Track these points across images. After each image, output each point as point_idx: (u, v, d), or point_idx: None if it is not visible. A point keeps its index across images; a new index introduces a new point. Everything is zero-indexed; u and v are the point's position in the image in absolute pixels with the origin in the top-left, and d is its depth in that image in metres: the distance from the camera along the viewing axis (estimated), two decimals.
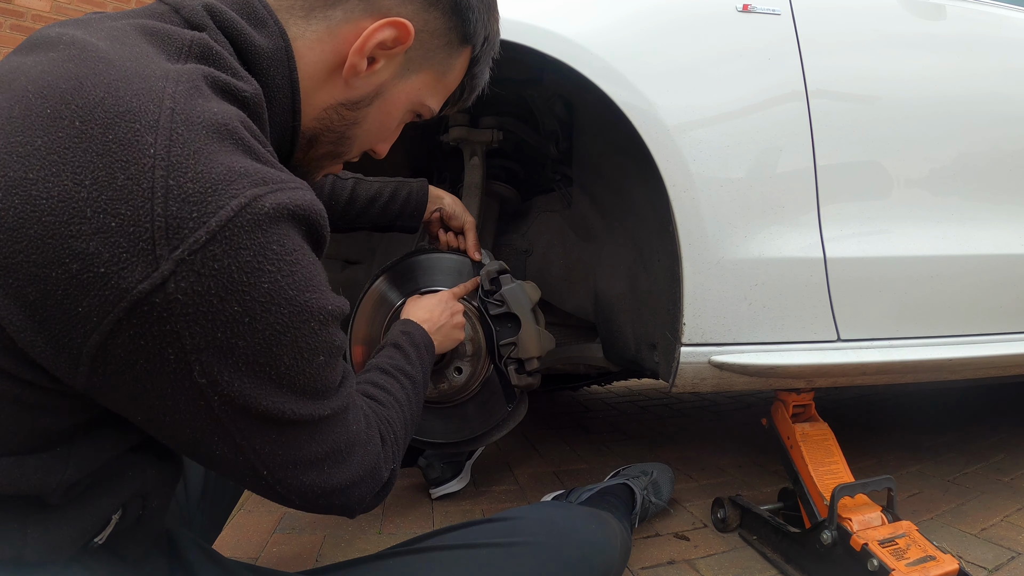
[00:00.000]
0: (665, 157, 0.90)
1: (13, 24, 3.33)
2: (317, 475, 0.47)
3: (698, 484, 1.34)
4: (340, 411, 0.48)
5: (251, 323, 0.38)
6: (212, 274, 0.36)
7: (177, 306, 0.36)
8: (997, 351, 1.07)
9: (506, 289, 1.00)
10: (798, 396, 1.07)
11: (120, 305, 0.35)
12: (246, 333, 0.38)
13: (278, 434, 0.44)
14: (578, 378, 2.01)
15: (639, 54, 0.93)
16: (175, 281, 0.35)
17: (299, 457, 0.45)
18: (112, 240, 0.34)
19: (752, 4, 0.99)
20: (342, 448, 0.49)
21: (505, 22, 0.90)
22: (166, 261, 0.35)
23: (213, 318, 0.37)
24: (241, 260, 0.37)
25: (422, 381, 0.71)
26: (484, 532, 0.60)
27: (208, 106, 0.39)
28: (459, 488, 1.26)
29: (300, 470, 0.46)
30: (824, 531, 0.88)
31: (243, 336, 0.38)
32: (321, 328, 0.43)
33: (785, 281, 0.95)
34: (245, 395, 0.40)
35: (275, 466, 0.45)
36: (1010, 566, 0.95)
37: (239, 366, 0.39)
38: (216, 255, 0.36)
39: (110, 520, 0.47)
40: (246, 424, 0.42)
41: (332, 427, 0.47)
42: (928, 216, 1.06)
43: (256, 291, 0.38)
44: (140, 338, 0.36)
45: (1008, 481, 1.35)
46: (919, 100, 1.07)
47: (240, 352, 0.39)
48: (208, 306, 0.36)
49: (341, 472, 0.49)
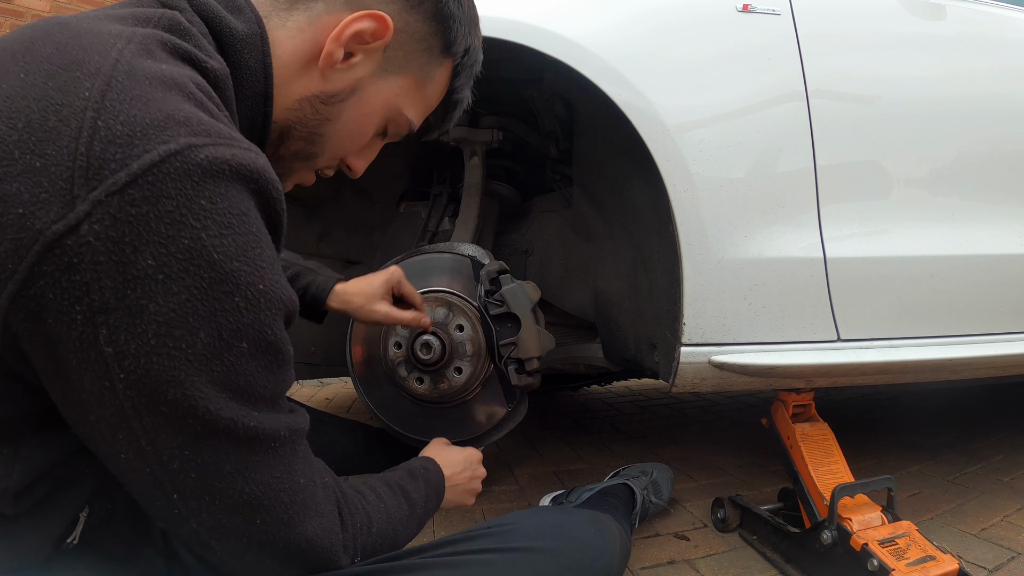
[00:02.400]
0: (665, 157, 0.90)
1: (13, 24, 3.33)
2: (242, 522, 0.41)
3: (698, 484, 1.34)
4: (276, 439, 0.42)
5: (165, 282, 0.35)
6: (128, 220, 0.33)
7: (89, 252, 0.33)
8: (997, 351, 1.07)
9: (506, 289, 1.01)
10: (798, 396, 1.07)
11: (34, 248, 0.33)
12: (159, 293, 0.35)
13: (191, 441, 0.38)
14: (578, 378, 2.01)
15: (639, 54, 0.93)
16: (89, 223, 0.33)
17: (219, 488, 0.39)
18: (34, 180, 0.33)
19: (752, 4, 0.99)
20: (282, 498, 0.42)
21: (505, 22, 0.90)
22: (83, 202, 0.33)
23: (125, 271, 0.34)
24: (162, 209, 0.34)
25: (420, 512, 0.64)
26: (480, 541, 0.59)
27: (158, 64, 0.37)
28: None
29: (221, 507, 0.40)
30: (824, 531, 0.88)
31: (155, 297, 0.35)
32: (248, 309, 0.38)
33: (785, 281, 0.96)
34: (152, 375, 0.36)
35: (188, 490, 0.39)
36: (1010, 566, 0.95)
37: (148, 334, 0.35)
38: (135, 200, 0.33)
39: (78, 519, 0.45)
40: (153, 419, 0.36)
41: (265, 458, 0.41)
42: (928, 216, 1.06)
43: (174, 245, 0.34)
44: (50, 290, 0.34)
45: (1008, 481, 1.35)
46: (919, 100, 1.07)
47: (151, 316, 0.35)
48: (121, 255, 0.34)
49: (280, 531, 0.42)
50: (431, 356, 1.00)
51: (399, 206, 1.48)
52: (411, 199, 1.49)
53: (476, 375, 1.03)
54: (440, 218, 1.41)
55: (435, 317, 1.02)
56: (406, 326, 1.00)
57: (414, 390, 1.04)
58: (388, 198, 1.47)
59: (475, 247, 1.08)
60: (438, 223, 1.40)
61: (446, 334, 1.02)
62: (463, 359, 1.02)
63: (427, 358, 1.00)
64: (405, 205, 1.47)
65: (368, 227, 1.46)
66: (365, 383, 1.12)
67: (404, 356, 1.03)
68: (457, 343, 1.02)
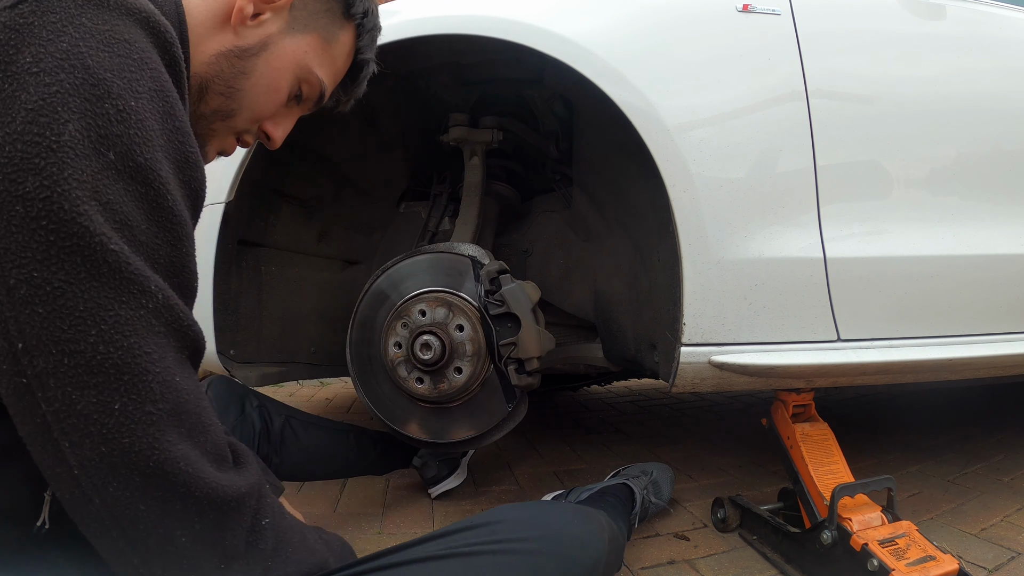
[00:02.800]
0: (665, 157, 0.90)
1: None
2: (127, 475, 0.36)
3: (698, 484, 1.34)
4: (166, 365, 0.38)
5: (38, 75, 0.35)
6: (15, 28, 0.35)
7: None
8: (997, 351, 1.07)
9: (506, 289, 1.01)
10: (798, 396, 1.07)
11: None
12: (31, 84, 0.35)
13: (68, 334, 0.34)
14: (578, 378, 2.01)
15: (639, 54, 0.93)
16: None
17: (99, 427, 0.35)
18: None
19: (752, 4, 0.99)
20: (188, 425, 0.39)
21: (506, 22, 0.90)
22: None
23: (4, 68, 0.35)
24: (45, 20, 0.36)
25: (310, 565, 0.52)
26: (465, 538, 0.58)
27: None
28: (457, 484, 1.26)
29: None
30: (824, 531, 0.88)
31: (27, 88, 0.35)
32: (119, 120, 0.37)
33: (785, 281, 0.96)
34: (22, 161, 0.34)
35: (70, 428, 0.35)
36: (1010, 566, 0.95)
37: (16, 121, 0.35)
38: (24, 13, 0.36)
39: (42, 498, 0.42)
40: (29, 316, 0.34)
41: (156, 385, 0.37)
42: (928, 216, 1.06)
43: (52, 47, 0.36)
44: None
45: (1008, 481, 1.35)
46: (919, 100, 1.07)
47: (21, 104, 0.35)
48: (4, 55, 0.35)
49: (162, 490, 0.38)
50: (431, 356, 1.00)
51: (399, 206, 1.48)
52: (411, 199, 1.49)
53: (476, 375, 1.03)
54: (440, 218, 1.41)
55: (435, 317, 1.03)
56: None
57: (414, 390, 1.04)
58: (388, 198, 1.47)
59: (475, 247, 1.08)
60: (438, 223, 1.40)
61: (446, 334, 1.02)
62: (463, 359, 1.02)
63: (427, 358, 1.00)
64: (405, 205, 1.47)
65: (368, 227, 1.46)
66: (365, 383, 1.12)
67: (404, 356, 1.03)
68: (457, 343, 1.02)
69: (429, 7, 0.94)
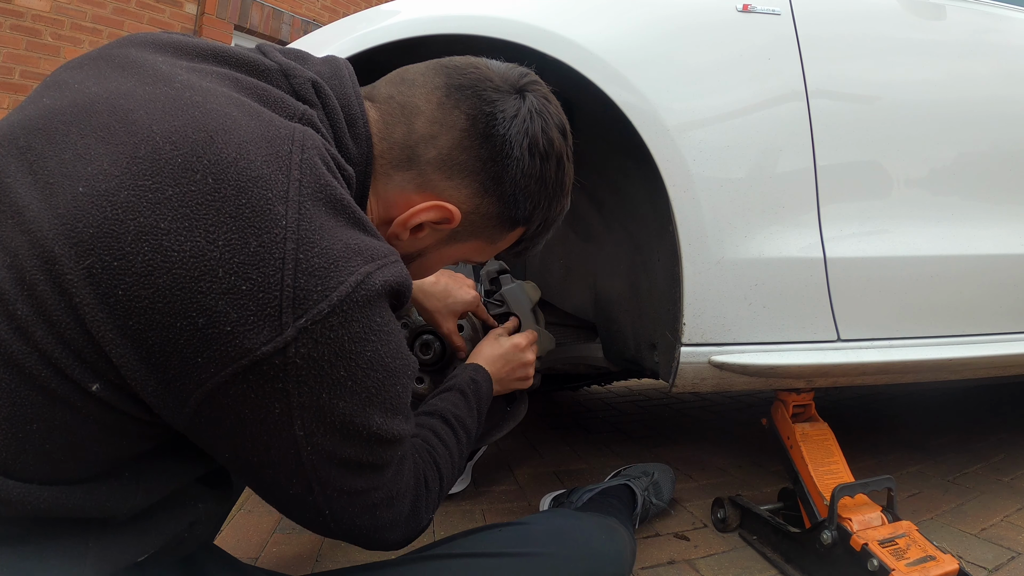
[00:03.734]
0: (665, 157, 0.90)
1: (13, 24, 3.32)
2: (369, 518, 0.49)
3: (698, 484, 1.34)
4: (401, 460, 0.51)
5: (353, 386, 0.42)
6: (327, 342, 0.39)
7: (293, 368, 0.39)
8: (997, 351, 1.07)
9: (506, 289, 1.01)
10: (798, 396, 1.07)
11: (241, 362, 0.37)
12: (347, 395, 0.42)
13: (351, 478, 0.46)
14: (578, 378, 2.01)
15: (639, 54, 0.92)
16: (295, 347, 0.38)
17: (360, 502, 0.48)
18: (241, 302, 0.37)
19: (752, 4, 0.99)
20: (395, 495, 0.51)
21: (507, 22, 0.90)
22: (290, 328, 0.38)
23: (321, 380, 0.40)
24: (352, 331, 0.40)
25: (475, 435, 0.73)
26: (494, 540, 0.60)
27: (327, 179, 0.42)
28: (461, 488, 1.26)
29: (357, 512, 0.48)
30: (824, 531, 0.88)
31: (344, 397, 0.42)
32: (404, 390, 0.47)
33: (785, 281, 0.95)
34: (334, 446, 0.43)
35: (338, 507, 0.47)
36: (1010, 566, 0.95)
37: (335, 423, 0.42)
38: (333, 326, 0.39)
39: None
40: (327, 470, 0.44)
41: (392, 473, 0.50)
42: (928, 216, 1.06)
43: (361, 359, 0.41)
44: (251, 391, 0.39)
45: (1008, 481, 1.35)
46: (919, 100, 1.07)
47: (339, 411, 0.42)
48: (319, 370, 0.40)
49: (388, 514, 0.51)
50: (431, 356, 1.00)
51: None
52: None
53: None
54: None
55: None
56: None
57: (414, 390, 1.04)
58: None
59: None
60: None
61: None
62: (463, 359, 1.02)
63: (427, 358, 1.00)
64: None
65: None
66: None
67: None
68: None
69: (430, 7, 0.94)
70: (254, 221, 0.37)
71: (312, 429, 0.41)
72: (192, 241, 0.36)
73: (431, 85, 0.53)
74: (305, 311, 0.38)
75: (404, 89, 0.53)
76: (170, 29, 3.96)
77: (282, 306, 0.37)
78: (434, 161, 0.52)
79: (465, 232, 0.57)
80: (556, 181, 0.58)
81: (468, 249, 0.60)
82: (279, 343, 0.37)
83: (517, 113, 0.53)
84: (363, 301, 0.40)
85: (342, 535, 0.50)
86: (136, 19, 3.80)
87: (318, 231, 0.39)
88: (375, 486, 0.49)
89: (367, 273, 0.41)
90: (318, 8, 4.80)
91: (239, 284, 0.36)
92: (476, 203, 0.54)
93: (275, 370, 0.38)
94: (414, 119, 0.52)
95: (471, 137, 0.52)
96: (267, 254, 0.37)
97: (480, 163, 0.53)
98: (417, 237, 0.55)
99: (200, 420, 0.40)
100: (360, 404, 0.43)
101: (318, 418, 0.41)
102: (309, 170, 0.41)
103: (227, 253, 0.36)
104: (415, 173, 0.53)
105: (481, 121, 0.52)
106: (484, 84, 0.53)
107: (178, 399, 0.38)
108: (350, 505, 0.48)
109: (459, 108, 0.52)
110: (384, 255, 0.43)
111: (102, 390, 0.38)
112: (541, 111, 0.55)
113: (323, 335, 0.39)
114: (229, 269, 0.36)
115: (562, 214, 0.62)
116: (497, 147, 0.53)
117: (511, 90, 0.54)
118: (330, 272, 0.39)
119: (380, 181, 0.53)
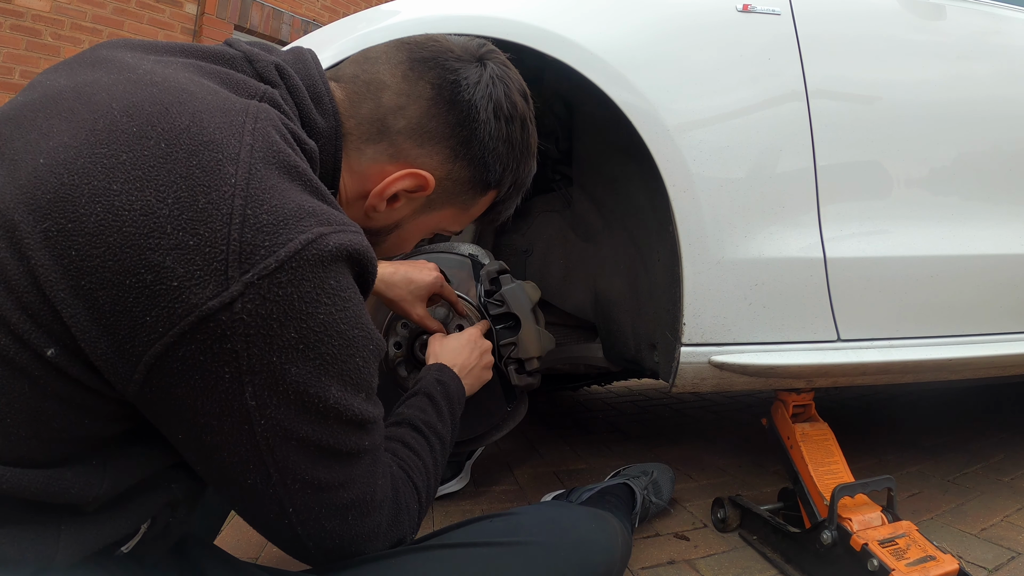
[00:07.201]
0: (665, 157, 0.90)
1: (13, 24, 3.33)
2: (340, 523, 0.47)
3: (698, 484, 1.34)
4: (370, 451, 0.48)
5: (305, 350, 0.40)
6: (276, 299, 0.38)
7: (240, 326, 0.38)
8: (997, 351, 1.07)
9: (506, 289, 1.00)
10: (798, 396, 1.07)
11: (187, 319, 0.37)
12: (299, 359, 0.40)
13: (312, 465, 0.44)
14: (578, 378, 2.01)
15: (639, 54, 0.93)
16: (242, 302, 0.37)
17: (327, 500, 0.46)
18: (188, 257, 0.36)
19: (752, 4, 0.99)
20: (369, 501, 0.49)
21: (507, 23, 0.90)
22: (236, 282, 0.37)
23: (271, 341, 0.39)
24: (303, 290, 0.39)
25: (449, 439, 0.71)
26: (485, 530, 0.60)
27: (281, 146, 0.42)
28: (459, 488, 1.26)
29: (324, 513, 0.46)
30: (824, 531, 0.88)
31: (296, 362, 0.40)
32: (364, 364, 0.45)
33: (785, 281, 0.95)
34: (289, 420, 0.42)
35: (301, 503, 0.45)
36: (1010, 566, 0.95)
37: (288, 391, 0.41)
38: (282, 283, 0.38)
39: (139, 530, 0.47)
40: (284, 451, 0.43)
41: (363, 471, 0.48)
42: (928, 216, 1.06)
43: (313, 320, 0.40)
44: (200, 353, 0.38)
45: (1008, 481, 1.35)
46: (919, 100, 1.07)
47: (291, 378, 0.41)
48: (268, 329, 0.39)
49: (363, 524, 0.49)
50: None
51: None
52: None
53: None
54: None
55: (435, 317, 1.02)
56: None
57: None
58: None
59: (475, 247, 1.08)
60: None
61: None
62: None
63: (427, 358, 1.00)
64: None
65: None
66: None
67: (404, 356, 1.03)
68: None
69: (430, 7, 0.94)
70: (203, 180, 0.37)
71: (265, 399, 0.40)
72: (143, 200, 0.36)
73: (394, 60, 0.55)
74: (252, 265, 0.37)
75: (368, 67, 0.55)
76: (170, 29, 3.96)
77: (228, 260, 0.37)
78: (404, 130, 0.54)
79: (439, 199, 0.59)
80: (522, 142, 0.60)
81: (443, 217, 0.61)
82: (225, 298, 0.37)
83: (480, 79, 0.55)
84: (315, 260, 0.39)
85: (313, 548, 0.47)
86: (136, 19, 3.80)
87: (268, 190, 0.39)
88: (343, 482, 0.46)
89: (320, 233, 0.40)
90: (318, 8, 4.80)
91: (186, 239, 0.36)
92: (448, 168, 0.56)
93: (222, 327, 0.37)
94: (381, 93, 0.54)
95: (438, 105, 0.54)
96: (215, 210, 0.37)
97: (449, 128, 0.55)
98: (393, 208, 0.57)
99: (151, 389, 0.39)
100: (314, 371, 0.41)
101: (270, 384, 0.40)
102: (262, 136, 0.41)
103: (176, 210, 0.36)
104: (387, 144, 0.54)
105: (447, 89, 0.54)
106: (446, 55, 0.55)
107: (128, 363, 0.38)
108: (315, 502, 0.45)
109: (424, 79, 0.54)
110: (343, 222, 0.42)
111: (57, 355, 0.38)
112: (503, 76, 0.57)
113: (271, 291, 0.38)
114: (177, 225, 0.36)
115: (530, 175, 0.64)
116: (464, 112, 0.55)
117: (472, 59, 0.56)
118: (279, 229, 0.38)
119: (353, 156, 0.54)
